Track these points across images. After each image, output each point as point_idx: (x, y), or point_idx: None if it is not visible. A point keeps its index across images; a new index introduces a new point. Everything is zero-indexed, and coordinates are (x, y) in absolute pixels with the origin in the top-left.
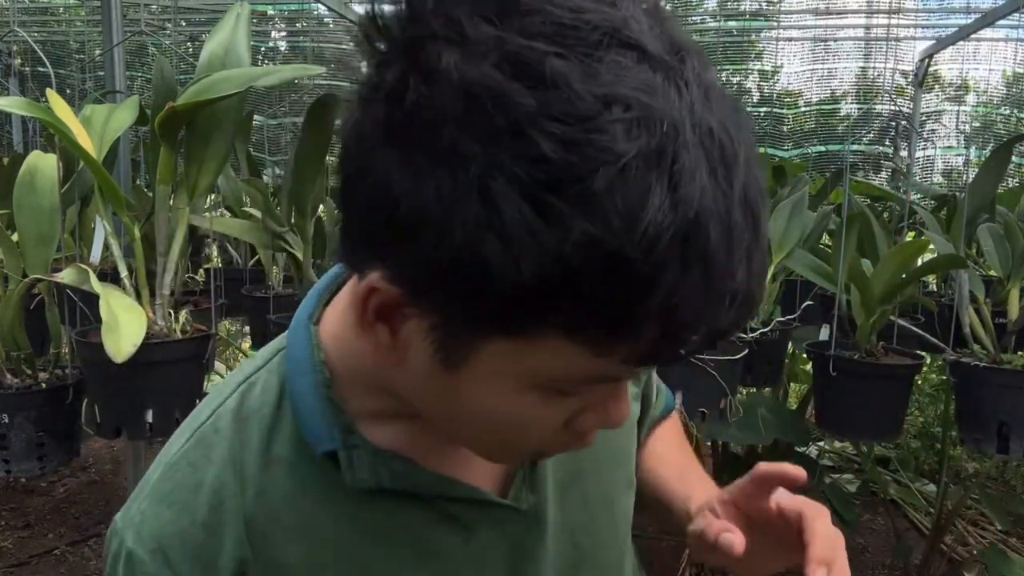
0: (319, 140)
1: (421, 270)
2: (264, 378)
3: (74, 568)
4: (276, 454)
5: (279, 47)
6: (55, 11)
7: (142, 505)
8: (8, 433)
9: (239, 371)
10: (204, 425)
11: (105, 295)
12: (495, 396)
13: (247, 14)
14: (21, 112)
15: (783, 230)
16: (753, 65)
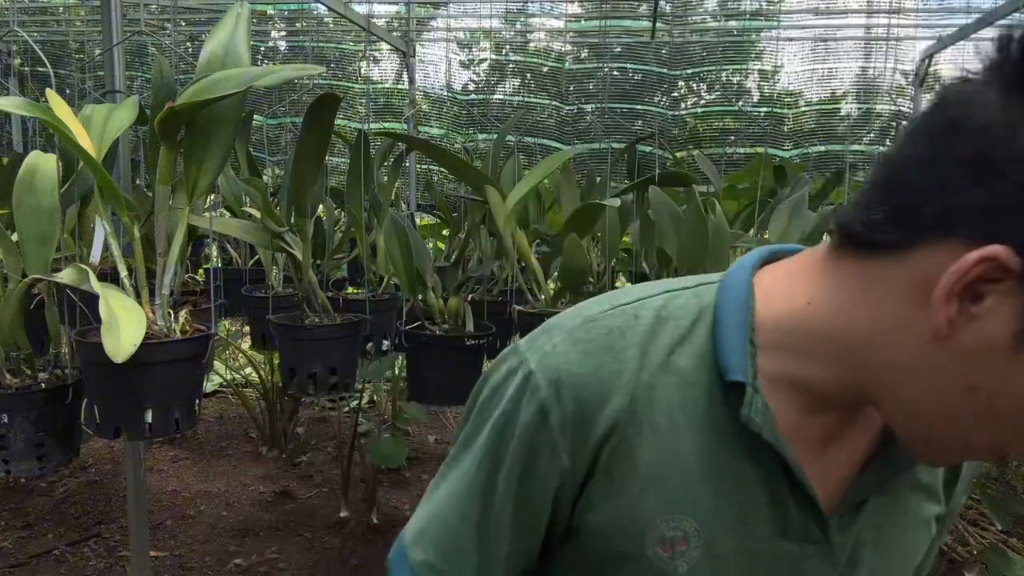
0: (318, 140)
1: None
2: (688, 296)
3: (74, 568)
4: (676, 363)
5: (279, 47)
6: (55, 11)
7: (555, 340)
8: (8, 433)
9: (661, 283)
10: (627, 306)
11: (105, 295)
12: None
13: (247, 14)
14: (21, 112)
15: (783, 230)
16: (753, 65)
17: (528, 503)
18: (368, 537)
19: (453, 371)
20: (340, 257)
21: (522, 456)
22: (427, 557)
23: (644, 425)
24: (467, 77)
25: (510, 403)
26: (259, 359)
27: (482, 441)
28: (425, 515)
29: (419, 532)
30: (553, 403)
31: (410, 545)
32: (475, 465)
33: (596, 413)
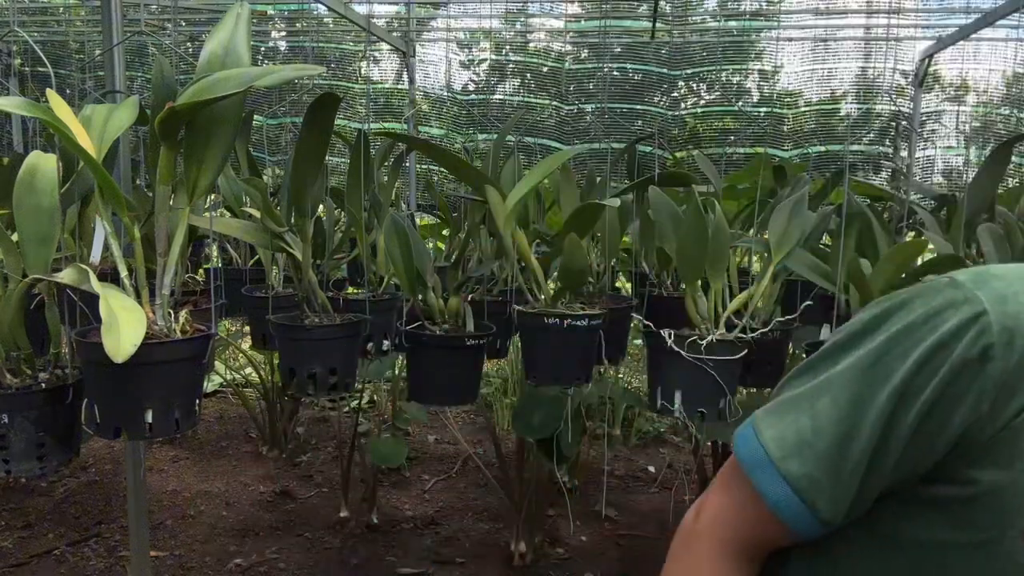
0: (319, 140)
1: None
2: None
3: (74, 568)
4: None
5: (279, 47)
6: (55, 11)
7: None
8: (8, 433)
9: None
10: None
11: (105, 295)
12: None
13: (247, 14)
14: (21, 112)
15: (783, 230)
16: (753, 65)
17: (930, 440)
18: (368, 537)
19: (453, 371)
20: (340, 257)
21: (944, 391)
22: (809, 473)
23: None
24: (467, 77)
25: (947, 336)
26: (259, 359)
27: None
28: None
29: (798, 446)
30: (1001, 351)
31: (781, 456)
32: (881, 393)
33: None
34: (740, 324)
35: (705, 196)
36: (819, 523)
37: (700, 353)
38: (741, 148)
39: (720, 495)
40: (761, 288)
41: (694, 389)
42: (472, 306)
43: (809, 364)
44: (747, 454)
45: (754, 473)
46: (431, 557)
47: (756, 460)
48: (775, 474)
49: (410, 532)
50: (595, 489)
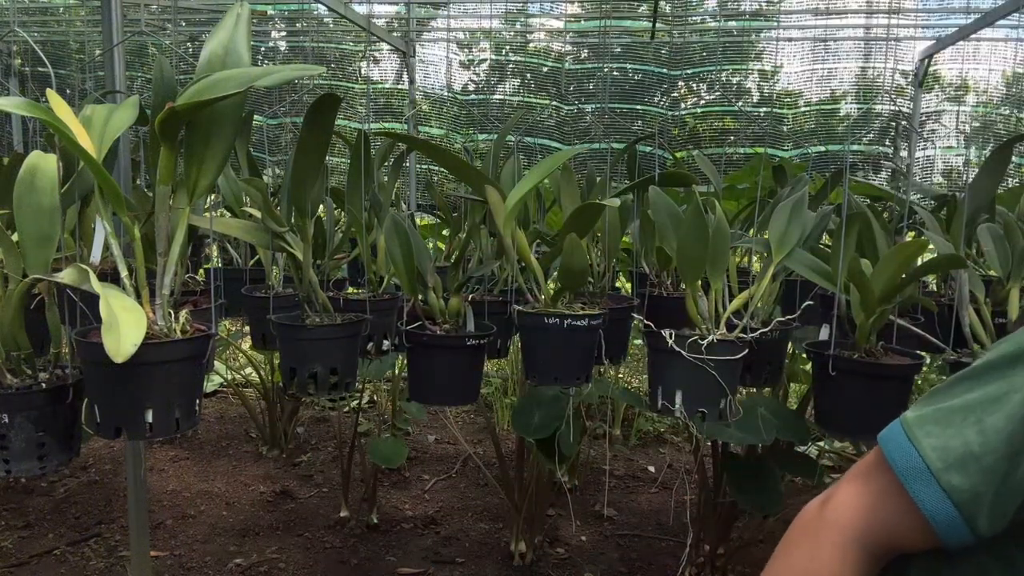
0: (319, 140)
1: None
2: None
3: (74, 568)
4: None
5: (279, 47)
6: (55, 11)
7: None
8: (8, 433)
9: None
10: None
11: (105, 295)
12: None
13: (247, 14)
14: (21, 112)
15: (783, 230)
16: (753, 65)
17: None
18: (368, 537)
19: (454, 371)
20: (340, 257)
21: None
22: (974, 487)
23: None
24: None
25: None
26: (259, 359)
27: None
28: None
29: (963, 459)
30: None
31: (942, 468)
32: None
33: None
34: (740, 324)
35: (705, 196)
36: (972, 536)
37: (701, 353)
38: (741, 148)
39: (856, 489)
40: (761, 288)
41: (695, 389)
42: (472, 306)
43: (972, 373)
44: (902, 460)
45: (911, 482)
46: (431, 557)
47: (913, 468)
48: (935, 485)
49: (410, 532)
50: (595, 489)
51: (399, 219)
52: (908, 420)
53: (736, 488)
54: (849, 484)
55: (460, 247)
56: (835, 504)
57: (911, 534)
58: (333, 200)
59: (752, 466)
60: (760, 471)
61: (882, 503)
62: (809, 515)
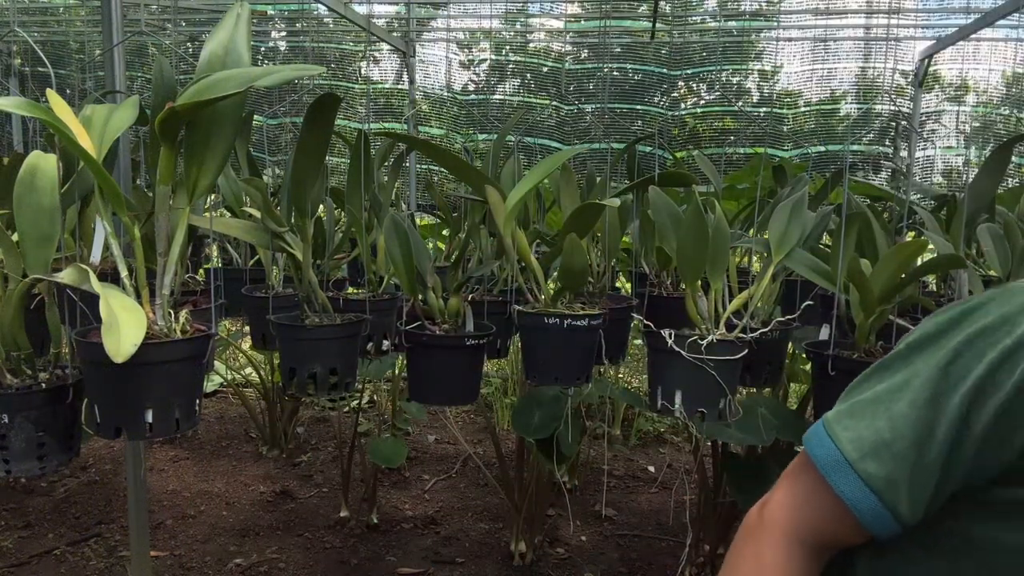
0: (319, 140)
1: None
2: None
3: (74, 568)
4: None
5: (279, 47)
6: (55, 11)
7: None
8: (8, 433)
9: None
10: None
11: (105, 295)
12: None
13: (247, 14)
14: (21, 112)
15: (783, 230)
16: (753, 65)
17: (1007, 439)
18: (368, 537)
19: (454, 371)
20: (340, 257)
21: (1021, 391)
22: (887, 474)
23: None
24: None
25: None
26: (259, 359)
27: (973, 369)
28: (883, 431)
29: (875, 447)
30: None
31: (858, 458)
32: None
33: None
34: (740, 324)
35: (705, 196)
36: (897, 523)
37: (700, 353)
38: (741, 148)
39: (788, 489)
40: (761, 288)
41: (694, 389)
42: (472, 306)
43: (881, 365)
44: (823, 455)
45: (831, 474)
46: (431, 557)
47: (833, 461)
48: (853, 475)
49: (410, 532)
50: (595, 489)
51: (399, 219)
52: (828, 417)
53: (736, 488)
54: (782, 485)
55: (460, 247)
56: (771, 506)
57: (841, 527)
58: (333, 200)
59: (752, 466)
60: (760, 471)
61: (811, 499)
62: (751, 519)
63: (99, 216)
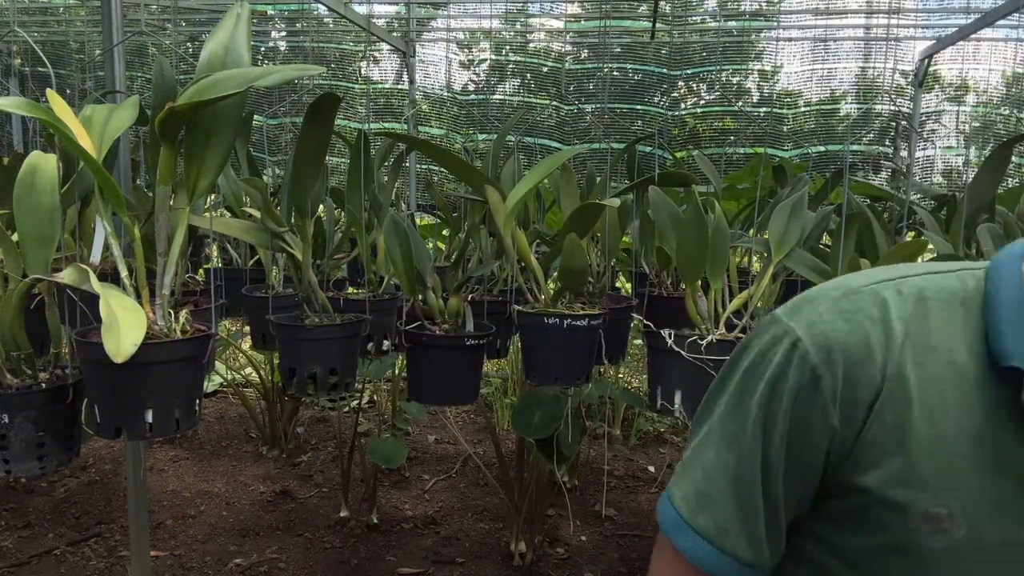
0: (319, 140)
1: None
2: (952, 280)
3: (74, 568)
4: (943, 344)
5: (279, 47)
6: (55, 11)
7: (821, 310)
8: (8, 433)
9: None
10: (889, 281)
11: (105, 295)
12: None
13: (247, 14)
14: (21, 112)
15: (783, 230)
16: (753, 65)
17: (803, 463)
18: (368, 537)
19: (454, 371)
20: (340, 257)
21: (794, 419)
22: (716, 522)
23: (915, 401)
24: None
25: (778, 369)
26: (259, 359)
27: (751, 407)
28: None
29: (699, 499)
30: (824, 369)
31: (690, 514)
32: (747, 431)
33: (864, 379)
34: (740, 324)
35: (705, 196)
36: (744, 567)
37: (700, 353)
38: (741, 148)
39: (658, 563)
40: (761, 288)
41: (694, 389)
42: (472, 306)
43: (696, 419)
44: (665, 519)
45: (673, 536)
46: (431, 557)
47: (672, 522)
48: (689, 531)
49: (410, 532)
50: (595, 489)
51: (399, 219)
52: (669, 484)
53: None
54: (654, 557)
55: (460, 247)
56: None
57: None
58: (333, 200)
59: None
60: None
61: (673, 567)
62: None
63: (99, 216)
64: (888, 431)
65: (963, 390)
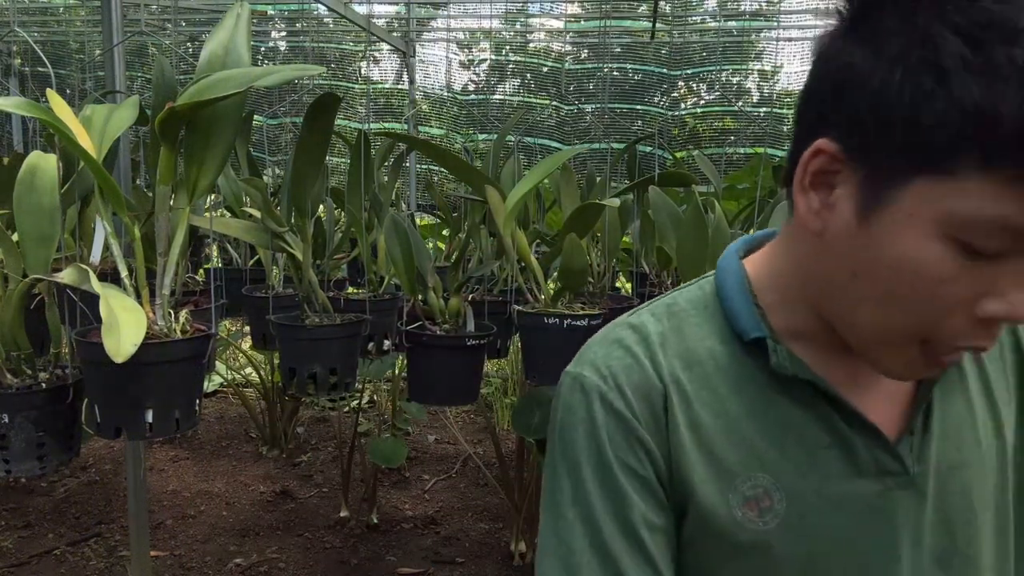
0: (319, 140)
1: (858, 122)
2: (693, 290)
3: (74, 568)
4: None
5: (279, 47)
6: (55, 11)
7: (594, 351)
8: (8, 433)
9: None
10: (643, 309)
11: (105, 295)
12: (905, 241)
13: (247, 14)
14: (21, 112)
15: None
16: (753, 65)
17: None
18: (368, 537)
19: (454, 371)
20: (340, 257)
21: (616, 454)
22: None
23: (693, 400)
24: (467, 77)
25: (584, 413)
26: (259, 359)
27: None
28: (563, 549)
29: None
30: (615, 394)
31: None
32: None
33: (647, 390)
34: None
35: (705, 196)
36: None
37: None
38: (741, 148)
39: None
40: None
41: None
42: (472, 306)
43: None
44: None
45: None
46: (431, 557)
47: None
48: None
49: (410, 532)
50: None
51: (399, 219)
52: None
53: None
54: None
55: (460, 247)
56: None
57: None
58: (333, 200)
59: None
60: None
61: None
62: None
63: (99, 216)
64: (685, 433)
65: (729, 376)
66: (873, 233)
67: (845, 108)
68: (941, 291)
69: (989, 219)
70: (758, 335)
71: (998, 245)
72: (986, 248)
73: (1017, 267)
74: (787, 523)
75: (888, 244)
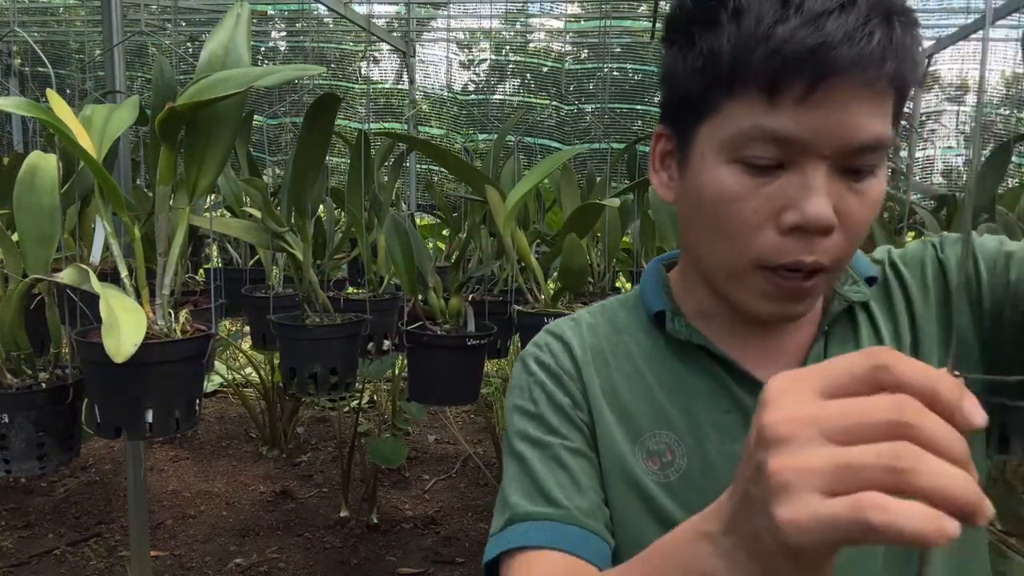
0: (319, 140)
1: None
2: (630, 291)
3: (74, 568)
4: (626, 326)
5: (279, 47)
6: (55, 11)
7: (536, 337)
8: (8, 433)
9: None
10: (581, 310)
11: (105, 295)
12: (705, 173)
13: (247, 14)
14: (21, 112)
15: None
16: None
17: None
18: (368, 537)
19: (454, 371)
20: (340, 257)
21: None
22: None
23: (613, 369)
24: (467, 77)
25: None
26: (259, 359)
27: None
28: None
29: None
30: (546, 354)
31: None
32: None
33: (574, 355)
34: None
35: None
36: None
37: None
38: None
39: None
40: None
41: None
42: (472, 306)
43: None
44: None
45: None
46: (431, 557)
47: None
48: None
49: (410, 532)
50: None
51: (399, 219)
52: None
53: None
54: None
55: (460, 247)
56: None
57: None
58: (333, 200)
59: None
60: None
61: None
62: None
63: (99, 216)
64: (601, 394)
65: (644, 350)
66: (688, 180)
67: (664, 98)
68: (745, 209)
69: (749, 131)
70: (659, 308)
71: (773, 153)
72: (761, 159)
73: (799, 179)
74: (687, 476)
75: (697, 182)
